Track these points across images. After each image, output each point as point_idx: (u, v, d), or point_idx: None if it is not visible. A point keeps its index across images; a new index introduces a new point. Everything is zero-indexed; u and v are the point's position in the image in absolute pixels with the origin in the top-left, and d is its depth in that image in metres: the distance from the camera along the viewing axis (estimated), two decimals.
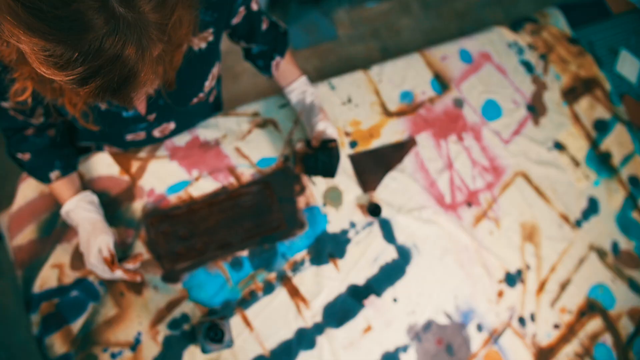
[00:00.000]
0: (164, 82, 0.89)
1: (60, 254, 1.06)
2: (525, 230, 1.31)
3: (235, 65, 2.06)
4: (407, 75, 1.35)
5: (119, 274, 1.01)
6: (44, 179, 1.03)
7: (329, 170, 1.12)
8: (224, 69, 2.00)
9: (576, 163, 1.39)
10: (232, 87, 2.04)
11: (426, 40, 1.39)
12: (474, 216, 1.29)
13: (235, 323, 1.09)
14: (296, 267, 1.15)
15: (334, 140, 1.11)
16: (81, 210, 1.02)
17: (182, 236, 1.11)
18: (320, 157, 1.11)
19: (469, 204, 1.29)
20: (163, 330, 1.06)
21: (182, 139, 1.17)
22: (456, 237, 1.26)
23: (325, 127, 1.13)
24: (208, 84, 1.00)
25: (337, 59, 2.14)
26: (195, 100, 1.01)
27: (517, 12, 1.50)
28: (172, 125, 1.08)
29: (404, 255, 1.22)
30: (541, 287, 1.28)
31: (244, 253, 1.13)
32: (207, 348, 0.97)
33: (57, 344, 1.03)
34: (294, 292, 1.13)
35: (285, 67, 1.18)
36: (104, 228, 1.01)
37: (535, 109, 1.41)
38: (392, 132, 1.29)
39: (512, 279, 1.26)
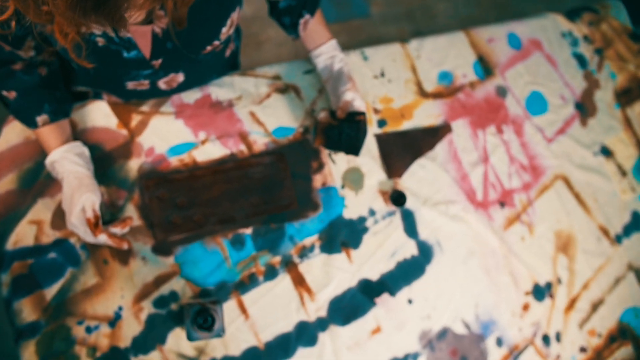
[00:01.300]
0: (173, 19, 0.71)
1: (41, 210, 0.90)
2: (560, 240, 1.13)
3: (260, 33, 1.88)
4: (448, 54, 1.17)
5: (102, 238, 0.85)
6: (30, 122, 0.86)
7: (354, 147, 0.95)
8: (247, 36, 1.82)
9: (623, 172, 1.21)
10: (253, 55, 1.87)
11: (461, 28, 1.24)
12: (506, 218, 1.11)
13: (229, 308, 0.93)
14: (304, 253, 0.98)
15: (362, 114, 0.94)
16: (68, 162, 0.85)
17: (179, 204, 0.94)
18: (345, 130, 0.94)
19: (502, 204, 1.12)
20: (147, 307, 0.90)
21: (191, 96, 1.00)
22: (484, 238, 1.09)
23: (353, 98, 0.96)
24: (225, 30, 0.82)
25: (366, 38, 1.95)
26: (209, 48, 0.83)
27: (562, 8, 1.31)
28: (180, 77, 0.91)
29: (425, 253, 1.05)
30: (571, 304, 1.10)
31: (247, 231, 0.97)
32: (193, 335, 0.81)
33: (27, 310, 0.87)
34: (299, 281, 0.97)
35: (314, 27, 1.00)
36: (91, 185, 0.85)
37: (584, 108, 1.23)
38: (426, 114, 1.12)
39: (540, 292, 1.09)
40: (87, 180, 0.85)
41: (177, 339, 0.90)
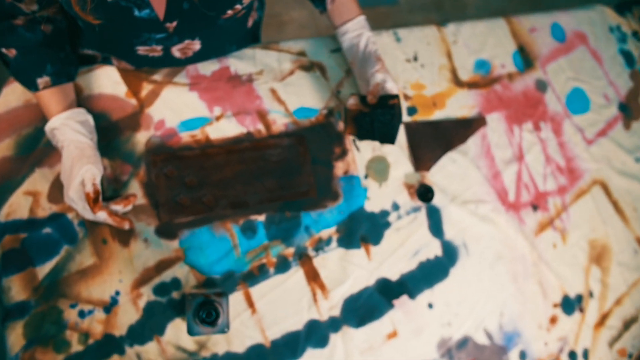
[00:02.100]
0: None
1: (38, 180, 0.81)
2: (594, 250, 1.03)
3: (283, 13, 1.77)
4: (487, 41, 1.05)
5: (102, 216, 0.75)
6: (30, 84, 0.77)
7: (389, 135, 0.84)
8: (270, 16, 1.71)
9: None
10: (275, 37, 1.76)
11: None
12: (538, 222, 1.01)
13: (235, 300, 0.84)
14: (320, 245, 0.89)
15: (395, 97, 0.83)
16: (69, 130, 0.76)
17: (188, 183, 0.85)
18: (378, 117, 0.83)
19: (535, 207, 1.01)
20: (147, 294, 0.81)
21: (208, 67, 0.90)
22: (514, 243, 0.99)
23: (384, 80, 0.85)
24: None
25: (392, 26, 1.84)
26: (229, 12, 0.73)
27: (612, 1, 1.20)
28: (196, 45, 0.81)
29: (450, 254, 0.95)
30: (602, 320, 1.00)
31: (260, 217, 0.87)
32: (194, 329, 0.71)
33: (16, 287, 0.78)
34: (313, 276, 0.87)
35: (342, 0, 0.90)
36: (93, 156, 0.75)
37: (629, 110, 1.11)
38: (460, 105, 1.01)
39: (570, 304, 0.99)
40: (89, 151, 0.75)
41: (177, 330, 0.81)
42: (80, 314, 0.79)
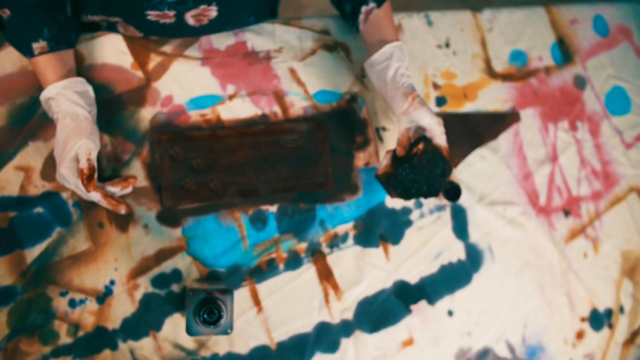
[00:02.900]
0: None
1: (31, 155, 0.73)
2: (627, 262, 0.93)
3: None
4: (524, 31, 0.96)
5: (96, 196, 0.67)
6: (25, 49, 0.68)
7: (425, 191, 0.73)
8: None
9: None
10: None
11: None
12: (570, 229, 0.91)
13: (240, 297, 0.75)
14: (335, 242, 0.80)
15: (422, 139, 0.71)
16: (65, 100, 0.67)
17: (195, 167, 0.76)
18: (404, 176, 0.71)
19: (567, 212, 0.92)
20: (144, 285, 0.73)
21: (223, 41, 0.80)
22: (543, 250, 0.90)
23: (413, 121, 0.72)
24: None
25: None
26: None
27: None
28: (213, 12, 0.72)
29: (474, 258, 0.86)
30: (632, 338, 0.91)
31: (272, 208, 0.78)
32: (194, 328, 0.63)
33: (2, 271, 0.69)
34: (326, 275, 0.79)
35: (377, 21, 0.77)
36: (89, 130, 0.67)
37: None
38: (492, 97, 0.91)
39: (598, 319, 0.90)
40: (85, 125, 0.66)
41: (175, 326, 0.73)
42: (71, 303, 0.71)
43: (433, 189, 0.73)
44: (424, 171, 0.71)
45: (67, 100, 0.67)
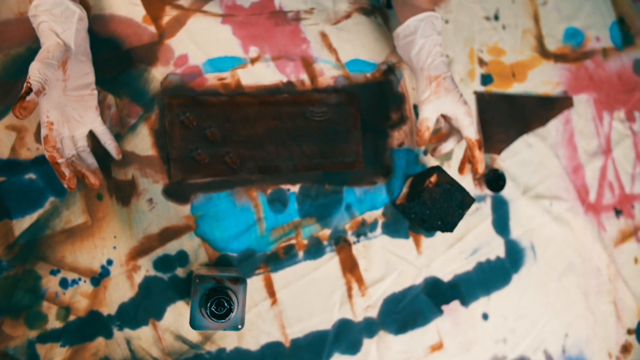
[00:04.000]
0: None
1: None
2: None
3: None
4: (582, 7, 0.83)
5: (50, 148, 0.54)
6: None
7: (437, 227, 0.67)
8: None
9: None
10: None
11: None
12: (620, 231, 0.80)
13: (253, 286, 0.65)
14: (362, 230, 0.69)
15: (437, 171, 0.64)
16: (39, 26, 0.56)
17: (209, 137, 0.65)
18: (413, 211, 0.66)
19: (618, 211, 0.80)
20: (145, 267, 0.63)
21: None
22: (590, 252, 0.78)
23: (440, 108, 0.63)
24: None
25: None
26: None
27: None
28: None
29: (514, 257, 0.75)
30: None
31: (293, 188, 0.68)
32: (198, 321, 0.53)
33: None
34: (350, 267, 0.68)
35: None
36: (47, 53, 0.54)
37: None
38: (543, 79, 0.80)
39: None
40: (48, 47, 0.54)
41: (178, 316, 0.62)
42: (62, 283, 0.61)
43: (447, 224, 0.66)
44: (437, 205, 0.65)
45: (40, 24, 0.55)
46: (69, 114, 0.58)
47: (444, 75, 0.62)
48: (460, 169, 0.69)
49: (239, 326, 0.53)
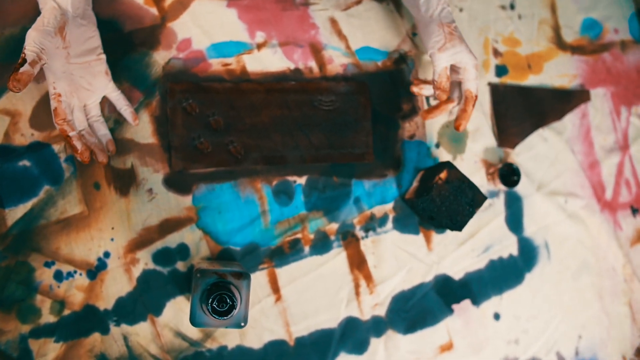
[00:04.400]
0: None
1: (20, 97, 0.58)
2: None
3: None
4: None
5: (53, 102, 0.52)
6: None
7: (445, 224, 0.63)
8: None
9: None
10: None
11: None
12: (637, 230, 0.76)
13: (257, 282, 0.62)
14: (371, 225, 0.66)
15: (447, 166, 0.61)
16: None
17: (213, 125, 0.62)
18: (420, 206, 0.62)
19: (635, 210, 0.77)
20: (144, 261, 0.59)
21: None
22: (605, 251, 0.75)
23: (454, 57, 0.59)
24: None
25: None
26: None
27: None
28: None
29: (527, 255, 0.71)
30: None
31: (300, 180, 0.64)
32: (199, 318, 0.49)
33: None
34: (358, 263, 0.65)
35: None
36: (43, 21, 0.50)
37: None
38: (559, 71, 0.76)
39: None
40: (48, 15, 0.50)
41: (178, 311, 0.59)
42: (57, 275, 0.57)
43: (456, 223, 0.62)
44: (446, 203, 0.61)
45: None
46: (77, 82, 0.55)
47: (454, 25, 0.59)
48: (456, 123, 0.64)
49: (242, 324, 0.50)
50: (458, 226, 0.62)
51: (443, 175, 0.60)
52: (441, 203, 0.61)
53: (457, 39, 0.59)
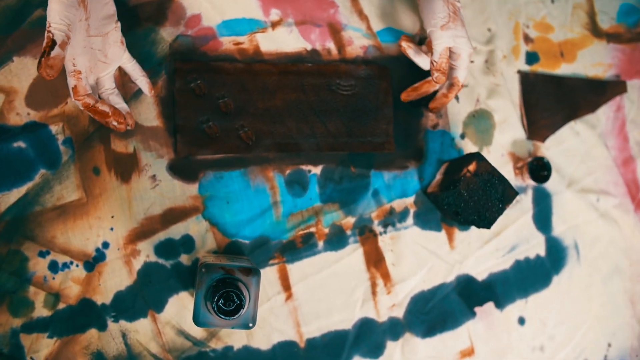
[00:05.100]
0: None
1: (16, 73, 0.53)
2: None
3: None
4: None
5: (71, 82, 0.47)
6: None
7: (472, 221, 0.57)
8: None
9: None
10: None
11: None
12: None
13: (266, 278, 0.56)
14: (391, 219, 0.60)
15: (477, 158, 0.55)
16: None
17: (222, 108, 0.57)
18: (445, 201, 0.57)
19: None
20: (146, 253, 0.54)
21: None
22: (638, 254, 0.69)
23: (454, 40, 0.54)
24: None
25: None
26: None
27: None
28: None
29: (556, 256, 0.66)
30: None
31: (315, 169, 0.59)
32: (203, 317, 0.44)
33: None
34: (375, 260, 0.59)
35: None
36: None
37: None
38: (594, 60, 0.70)
39: None
40: None
41: (181, 308, 0.54)
42: (52, 266, 0.53)
43: (485, 219, 0.57)
44: (474, 197, 0.56)
45: None
46: (96, 57, 0.50)
47: (459, 5, 0.54)
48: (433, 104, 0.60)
49: (250, 324, 0.45)
50: (486, 223, 0.56)
51: (472, 167, 0.55)
52: (469, 198, 0.55)
53: (460, 22, 0.54)
